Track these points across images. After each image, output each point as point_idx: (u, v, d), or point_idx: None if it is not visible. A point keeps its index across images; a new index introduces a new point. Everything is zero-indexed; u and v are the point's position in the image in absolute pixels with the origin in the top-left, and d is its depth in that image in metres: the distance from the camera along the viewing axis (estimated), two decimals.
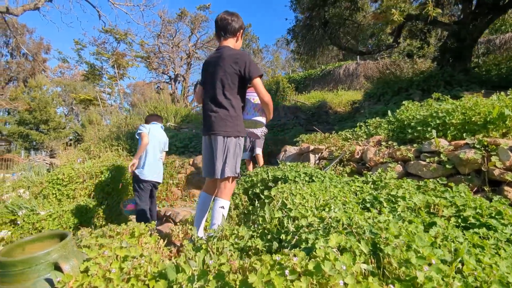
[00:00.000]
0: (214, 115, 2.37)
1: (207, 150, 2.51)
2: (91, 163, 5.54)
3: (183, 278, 1.10)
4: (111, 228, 2.45)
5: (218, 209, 2.42)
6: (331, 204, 2.08)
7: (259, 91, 2.34)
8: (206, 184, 2.69)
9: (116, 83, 20.09)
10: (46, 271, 1.20)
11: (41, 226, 4.11)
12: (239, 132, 2.39)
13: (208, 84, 2.46)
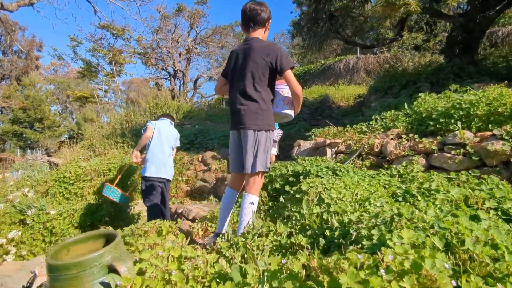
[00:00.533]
0: (244, 108, 2.28)
1: (236, 144, 2.42)
2: (97, 160, 5.41)
3: (253, 280, 1.02)
4: (138, 226, 2.36)
5: (248, 205, 2.35)
6: (371, 198, 2.01)
7: (292, 83, 2.27)
8: (232, 179, 2.60)
9: (113, 80, 19.81)
10: (100, 274, 1.11)
11: (52, 226, 3.99)
12: (270, 125, 2.31)
13: (237, 76, 2.36)
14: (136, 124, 7.66)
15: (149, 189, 3.77)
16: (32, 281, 1.79)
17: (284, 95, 2.54)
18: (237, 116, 2.31)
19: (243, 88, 2.30)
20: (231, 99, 2.43)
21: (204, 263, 1.19)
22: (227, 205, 2.64)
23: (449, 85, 6.14)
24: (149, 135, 3.76)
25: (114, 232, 1.32)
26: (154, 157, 3.82)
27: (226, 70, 2.50)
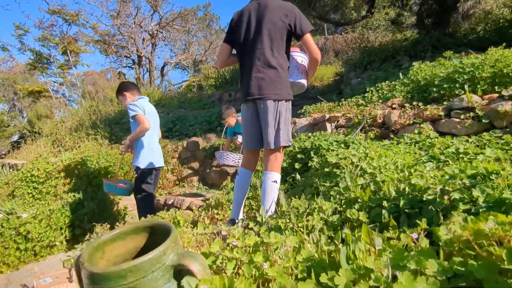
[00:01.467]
0: (261, 76, 2.03)
1: (251, 118, 2.16)
2: (70, 155, 4.84)
3: (376, 263, 0.78)
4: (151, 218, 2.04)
5: (271, 184, 2.11)
6: (417, 164, 1.85)
7: (312, 48, 2.04)
8: (246, 158, 2.32)
9: (68, 72, 18.21)
10: (164, 279, 0.81)
11: (26, 230, 3.47)
12: (289, 94, 2.10)
13: (251, 41, 2.08)
14: (107, 114, 7.02)
15: (148, 179, 3.37)
16: None
17: (299, 62, 2.33)
18: (253, 86, 2.05)
19: (260, 54, 2.04)
20: (243, 67, 2.16)
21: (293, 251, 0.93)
22: (242, 187, 2.38)
23: (428, 57, 6.23)
24: (149, 127, 3.29)
25: (160, 222, 1.01)
26: (154, 144, 3.41)
27: (234, 35, 2.19)
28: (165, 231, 0.96)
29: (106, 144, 5.46)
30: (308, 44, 2.03)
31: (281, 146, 2.07)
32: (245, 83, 2.13)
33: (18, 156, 10.65)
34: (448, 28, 7.08)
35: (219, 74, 10.41)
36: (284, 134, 2.06)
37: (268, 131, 2.03)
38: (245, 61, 2.14)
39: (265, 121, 2.04)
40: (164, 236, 0.92)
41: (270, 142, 2.03)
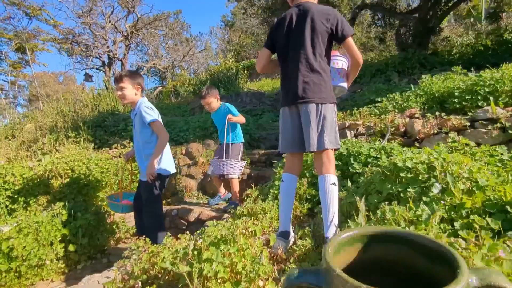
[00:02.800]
0: (305, 80, 2.00)
1: (293, 122, 2.10)
2: (51, 159, 4.23)
3: None
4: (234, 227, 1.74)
5: (331, 187, 1.99)
6: None
7: (354, 51, 2.04)
8: (289, 163, 2.24)
9: (21, 71, 16.45)
10: None
11: (9, 247, 2.87)
12: (333, 97, 2.08)
13: (292, 45, 2.06)
14: (85, 115, 6.33)
15: (163, 187, 2.99)
16: None
17: (339, 67, 2.32)
18: (295, 90, 2.02)
19: (303, 58, 2.02)
20: (286, 72, 2.13)
21: None
22: (288, 194, 2.26)
23: (415, 73, 6.57)
24: (168, 136, 2.87)
25: (399, 232, 0.78)
26: (167, 149, 3.04)
27: (274, 40, 2.16)
28: (405, 242, 0.73)
29: (91, 148, 4.87)
30: (350, 47, 2.02)
31: (328, 148, 1.99)
32: (288, 87, 2.10)
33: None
34: (427, 50, 7.56)
35: (199, 81, 10.08)
36: (331, 137, 2.01)
37: (310, 134, 1.98)
38: (287, 66, 2.11)
39: (307, 124, 2.00)
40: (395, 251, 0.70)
41: (313, 145, 1.98)
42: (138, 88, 2.90)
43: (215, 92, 3.86)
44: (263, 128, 6.78)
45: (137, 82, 2.88)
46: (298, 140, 2.12)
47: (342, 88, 2.30)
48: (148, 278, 1.74)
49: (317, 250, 2.11)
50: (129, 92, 2.83)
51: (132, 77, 2.85)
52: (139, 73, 3.06)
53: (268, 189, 3.24)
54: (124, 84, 2.80)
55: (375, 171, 2.38)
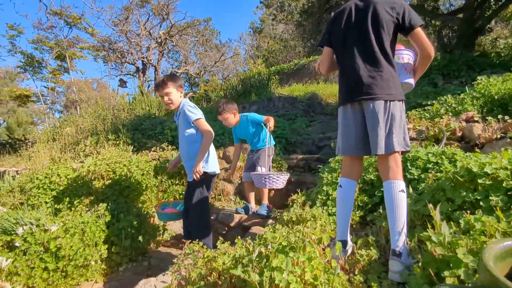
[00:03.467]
0: (371, 75, 1.84)
1: (356, 121, 1.93)
2: (93, 160, 4.30)
3: None
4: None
5: (399, 194, 1.80)
6: None
7: (425, 42, 1.85)
8: (347, 167, 2.07)
9: (60, 78, 17.34)
10: None
11: (57, 246, 2.90)
12: (402, 94, 1.88)
13: (354, 37, 1.91)
14: (122, 119, 6.48)
15: (209, 189, 2.93)
16: None
17: (405, 61, 2.14)
18: (359, 85, 1.85)
19: (368, 50, 1.86)
20: (347, 66, 1.95)
21: None
22: (346, 201, 2.08)
23: (462, 76, 6.18)
24: (213, 134, 2.79)
25: None
26: (213, 149, 2.98)
27: (333, 35, 2.02)
28: None
29: (131, 151, 4.93)
30: (420, 38, 1.84)
31: (397, 151, 1.81)
32: (351, 83, 1.92)
33: (4, 163, 9.79)
34: (473, 51, 7.13)
35: (231, 86, 10.11)
36: (400, 138, 1.82)
37: (378, 135, 1.80)
38: (348, 61, 1.94)
39: (374, 123, 1.82)
40: None
41: (381, 147, 1.79)
42: (181, 90, 2.89)
43: (231, 107, 3.72)
44: (298, 133, 6.63)
45: (179, 85, 2.86)
46: (361, 141, 1.96)
47: (409, 85, 2.11)
48: (206, 284, 1.64)
49: (379, 261, 1.94)
50: (174, 97, 2.81)
51: (175, 81, 2.82)
52: (178, 76, 3.10)
53: (315, 194, 3.08)
54: (169, 89, 2.77)
55: (442, 177, 2.18)
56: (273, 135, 5.75)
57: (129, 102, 8.42)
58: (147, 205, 4.02)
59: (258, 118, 3.78)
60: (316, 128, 7.28)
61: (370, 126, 1.86)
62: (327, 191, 2.91)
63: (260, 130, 3.86)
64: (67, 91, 36.07)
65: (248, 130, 3.87)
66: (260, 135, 3.88)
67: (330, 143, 4.94)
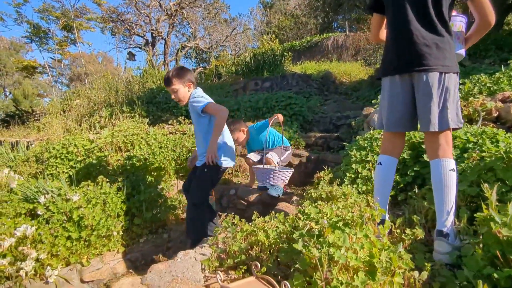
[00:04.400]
0: (426, 43, 1.67)
1: (403, 94, 1.79)
2: (110, 132, 4.22)
3: None
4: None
5: (449, 173, 1.69)
6: None
7: (487, 7, 1.68)
8: (388, 143, 1.96)
9: (68, 49, 17.07)
10: None
11: (79, 216, 2.86)
12: (457, 66, 1.72)
13: (405, 1, 1.73)
14: (138, 91, 6.35)
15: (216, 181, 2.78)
16: None
17: (459, 29, 1.95)
18: (413, 55, 1.70)
19: (423, 15, 1.69)
20: (398, 32, 1.79)
21: None
22: (387, 179, 1.98)
23: (489, 56, 5.92)
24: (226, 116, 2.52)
25: None
26: (230, 139, 2.79)
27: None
28: None
29: (146, 123, 4.84)
30: (482, 3, 1.66)
31: (451, 128, 1.69)
32: (401, 51, 1.76)
33: (14, 134, 9.79)
34: (501, 30, 6.82)
35: (243, 61, 9.86)
36: (453, 113, 1.69)
37: (431, 111, 1.66)
38: (399, 26, 1.77)
39: (426, 98, 1.68)
40: None
41: (434, 123, 1.66)
42: (190, 84, 2.64)
43: (239, 126, 3.58)
44: (313, 111, 6.48)
45: (187, 79, 2.62)
46: (409, 117, 1.84)
47: (459, 56, 1.95)
48: (248, 258, 1.58)
49: (418, 240, 1.87)
50: (182, 94, 2.61)
51: (181, 76, 2.60)
52: (186, 69, 2.74)
53: (342, 172, 3.00)
54: (174, 86, 2.57)
55: (490, 156, 2.07)
56: (291, 112, 5.64)
57: (140, 76, 8.25)
58: (166, 178, 3.97)
59: (262, 122, 3.67)
60: (331, 107, 7.12)
61: (421, 100, 1.73)
62: (357, 169, 2.82)
63: (271, 133, 3.75)
64: (72, 64, 35.73)
65: (260, 138, 3.74)
66: (273, 137, 3.77)
67: (350, 122, 4.81)
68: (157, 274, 1.43)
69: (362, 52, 13.01)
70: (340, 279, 1.19)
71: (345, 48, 13.28)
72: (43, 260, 2.65)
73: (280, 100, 5.73)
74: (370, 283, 1.20)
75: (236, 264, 1.59)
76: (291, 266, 1.46)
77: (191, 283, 1.36)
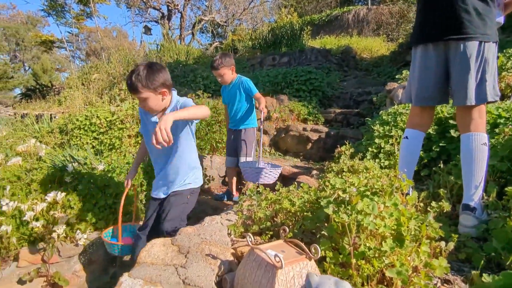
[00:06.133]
0: (465, 8, 1.56)
1: (436, 65, 1.70)
2: (130, 105, 4.27)
3: None
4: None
5: (481, 147, 1.65)
6: None
7: None
8: (416, 117, 1.88)
9: (84, 23, 17.08)
10: None
11: (104, 184, 2.97)
12: (497, 35, 1.62)
13: None
14: None
15: (192, 207, 2.16)
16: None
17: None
18: (450, 22, 1.59)
19: None
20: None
21: None
22: (413, 153, 1.94)
23: None
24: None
25: None
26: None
27: None
28: None
29: None
30: None
31: (489, 101, 1.62)
32: (437, 17, 1.65)
33: (36, 107, 10.05)
34: None
35: (260, 36, 9.65)
36: (490, 86, 1.59)
37: (468, 83, 1.58)
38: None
39: (463, 69, 1.59)
40: None
41: (470, 97, 1.58)
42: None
43: (230, 61, 3.06)
44: (332, 87, 6.35)
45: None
46: (440, 90, 1.75)
47: (498, 23, 1.84)
48: (273, 225, 1.62)
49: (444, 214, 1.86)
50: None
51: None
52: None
53: (364, 147, 2.97)
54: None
55: None
56: (310, 87, 5.54)
57: (157, 50, 8.23)
58: None
59: (251, 88, 3.09)
60: (350, 83, 6.96)
61: (457, 72, 1.64)
62: (379, 143, 2.78)
63: (247, 106, 3.19)
64: (88, 38, 35.88)
65: (235, 96, 3.18)
66: (244, 112, 3.19)
67: (371, 98, 4.70)
68: (186, 236, 1.48)
69: (384, 27, 12.48)
70: (368, 245, 1.20)
71: (366, 22, 12.75)
72: (73, 224, 2.79)
73: (300, 74, 5.63)
74: (397, 250, 1.21)
75: (261, 230, 1.62)
76: (315, 233, 1.49)
77: (220, 245, 1.40)
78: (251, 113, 3.24)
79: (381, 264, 1.18)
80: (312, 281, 0.77)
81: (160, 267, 1.21)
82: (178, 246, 1.40)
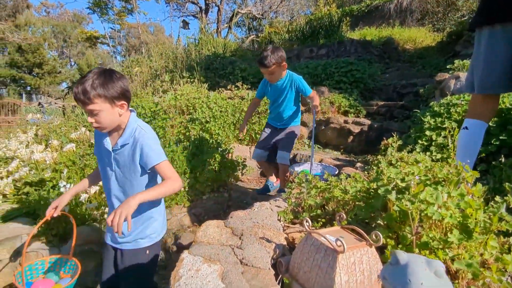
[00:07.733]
0: None
1: (506, 49, 1.53)
2: (173, 96, 4.39)
3: None
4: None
5: None
6: None
7: None
8: (478, 106, 1.74)
9: (126, 19, 17.82)
10: None
11: None
12: None
13: None
14: (195, 58, 6.51)
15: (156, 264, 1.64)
16: None
17: None
18: None
19: None
20: None
21: None
22: (473, 144, 1.80)
23: None
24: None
25: None
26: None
27: None
28: None
29: (206, 88, 4.97)
30: None
31: None
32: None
33: None
34: None
35: (297, 28, 9.51)
36: None
37: None
38: None
39: None
40: None
41: None
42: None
43: (282, 56, 2.69)
44: (373, 79, 6.11)
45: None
46: (508, 76, 1.60)
47: None
48: (323, 213, 1.59)
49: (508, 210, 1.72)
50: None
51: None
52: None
53: (413, 139, 2.83)
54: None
55: None
56: (351, 79, 5.39)
57: (195, 43, 8.38)
58: (226, 141, 4.08)
59: (305, 89, 2.83)
60: (392, 76, 6.67)
61: None
62: (431, 136, 2.64)
63: (296, 105, 2.97)
64: (127, 34, 37.34)
65: (284, 94, 2.90)
66: (293, 111, 2.98)
67: (417, 90, 4.47)
68: (239, 219, 1.50)
69: (430, 16, 11.79)
70: (431, 236, 1.15)
71: (410, 11, 12.10)
72: None
73: (340, 66, 5.47)
74: (463, 242, 1.14)
75: (311, 218, 1.60)
76: (369, 223, 1.45)
77: (272, 230, 1.40)
78: (299, 111, 3.05)
79: (446, 256, 1.13)
80: (401, 258, 0.75)
81: (217, 247, 1.23)
82: (231, 228, 1.42)
